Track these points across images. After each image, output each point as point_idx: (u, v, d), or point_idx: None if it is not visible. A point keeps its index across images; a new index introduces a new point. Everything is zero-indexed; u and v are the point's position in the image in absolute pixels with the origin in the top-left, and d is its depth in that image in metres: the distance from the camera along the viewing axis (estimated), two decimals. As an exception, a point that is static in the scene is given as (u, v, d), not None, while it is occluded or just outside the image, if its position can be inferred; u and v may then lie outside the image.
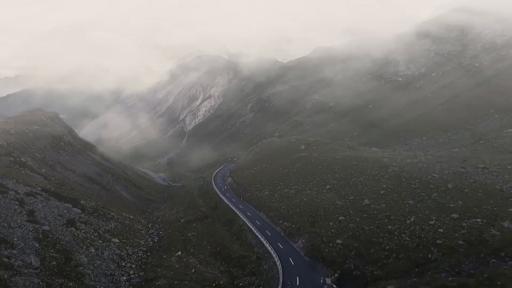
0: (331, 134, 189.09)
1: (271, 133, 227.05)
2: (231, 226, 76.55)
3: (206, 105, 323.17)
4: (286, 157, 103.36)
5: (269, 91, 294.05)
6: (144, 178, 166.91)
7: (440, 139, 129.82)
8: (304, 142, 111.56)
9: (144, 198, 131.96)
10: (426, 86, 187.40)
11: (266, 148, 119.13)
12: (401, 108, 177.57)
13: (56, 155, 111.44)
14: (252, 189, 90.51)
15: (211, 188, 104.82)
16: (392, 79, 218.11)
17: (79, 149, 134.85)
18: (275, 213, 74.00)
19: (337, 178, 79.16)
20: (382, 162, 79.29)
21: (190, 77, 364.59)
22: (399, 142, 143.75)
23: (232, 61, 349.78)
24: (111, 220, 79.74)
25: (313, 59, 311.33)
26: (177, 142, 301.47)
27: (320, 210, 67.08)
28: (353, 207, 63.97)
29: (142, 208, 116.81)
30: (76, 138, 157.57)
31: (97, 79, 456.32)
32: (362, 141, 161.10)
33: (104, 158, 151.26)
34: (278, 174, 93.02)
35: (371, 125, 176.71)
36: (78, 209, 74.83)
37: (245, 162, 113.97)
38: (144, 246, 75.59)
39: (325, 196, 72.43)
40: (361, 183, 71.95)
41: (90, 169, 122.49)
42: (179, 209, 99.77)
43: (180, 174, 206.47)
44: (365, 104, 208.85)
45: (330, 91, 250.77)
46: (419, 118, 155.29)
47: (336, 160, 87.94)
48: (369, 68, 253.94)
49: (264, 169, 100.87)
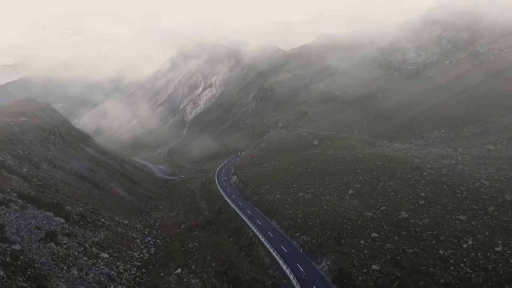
0: (338, 125, 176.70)
1: (274, 124, 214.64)
2: (238, 237, 64.73)
3: (207, 94, 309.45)
4: (298, 153, 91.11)
5: (271, 79, 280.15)
6: (143, 172, 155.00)
7: (460, 132, 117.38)
8: (316, 136, 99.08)
9: (142, 195, 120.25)
10: (439, 75, 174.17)
11: (274, 142, 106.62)
12: (413, 98, 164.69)
13: (44, 150, 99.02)
14: (261, 191, 78.51)
15: (214, 187, 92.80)
16: (401, 68, 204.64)
17: (71, 142, 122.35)
18: (290, 222, 62.11)
19: (361, 181, 67.11)
20: (413, 163, 67.14)
21: (190, 65, 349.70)
22: (414, 135, 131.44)
23: (233, 49, 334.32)
24: (101, 228, 67.88)
25: (316, 47, 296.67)
26: (178, 132, 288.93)
27: (346, 222, 55.17)
28: (387, 221, 52.01)
29: (139, 207, 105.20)
30: (71, 130, 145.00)
31: (97, 68, 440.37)
32: (373, 133, 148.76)
33: (100, 151, 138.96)
34: (290, 174, 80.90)
35: (381, 116, 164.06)
36: (61, 217, 62.81)
37: (251, 158, 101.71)
38: (138, 259, 63.90)
39: (349, 204, 60.46)
40: (392, 190, 59.86)
41: (83, 164, 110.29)
42: (179, 211, 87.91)
43: (180, 166, 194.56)
44: (373, 94, 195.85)
45: (335, 79, 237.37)
46: (434, 109, 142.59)
47: (357, 159, 75.72)
48: (375, 56, 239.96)
49: (274, 167, 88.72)
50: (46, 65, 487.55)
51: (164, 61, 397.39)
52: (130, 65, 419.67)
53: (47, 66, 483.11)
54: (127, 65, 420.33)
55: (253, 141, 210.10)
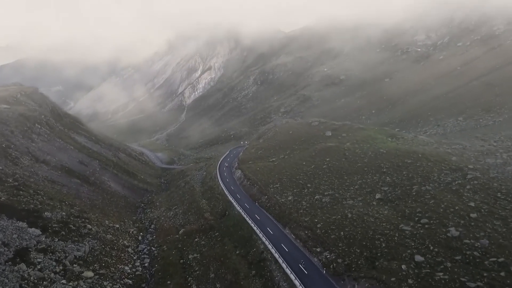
0: (344, 111, 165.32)
1: (276, 109, 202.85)
2: (247, 249, 54.29)
3: (206, 77, 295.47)
4: (309, 146, 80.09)
5: (272, 62, 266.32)
6: (139, 161, 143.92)
7: (482, 121, 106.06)
8: (329, 126, 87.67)
9: (138, 187, 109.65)
10: (451, 57, 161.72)
11: (282, 132, 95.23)
12: (424, 82, 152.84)
13: (26, 142, 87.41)
14: (270, 190, 67.78)
15: (216, 184, 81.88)
16: (410, 50, 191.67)
17: (59, 131, 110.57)
18: (307, 233, 51.60)
19: (389, 183, 56.34)
20: (451, 162, 56.31)
21: (188, 47, 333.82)
22: (429, 123, 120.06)
23: (233, 30, 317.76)
24: (86, 237, 57.24)
25: (319, 29, 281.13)
26: (176, 116, 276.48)
27: (378, 237, 44.73)
28: (432, 239, 41.53)
29: (134, 203, 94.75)
30: (61, 117, 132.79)
31: (92, 50, 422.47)
32: (382, 120, 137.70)
33: (93, 140, 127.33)
34: (303, 171, 70.02)
35: (390, 101, 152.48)
36: (37, 228, 52.08)
37: (257, 150, 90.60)
38: (130, 275, 53.56)
39: (379, 213, 49.88)
40: (432, 196, 49.17)
41: (72, 156, 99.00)
42: (178, 211, 77.40)
43: (179, 153, 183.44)
44: (380, 78, 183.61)
45: (339, 62, 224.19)
46: (449, 95, 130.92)
47: (381, 155, 64.81)
48: (381, 38, 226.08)
49: (283, 162, 77.73)
50: (40, 47, 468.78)
51: (161, 43, 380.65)
52: (126, 47, 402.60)
53: (42, 48, 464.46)
54: (123, 48, 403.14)
55: (254, 126, 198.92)
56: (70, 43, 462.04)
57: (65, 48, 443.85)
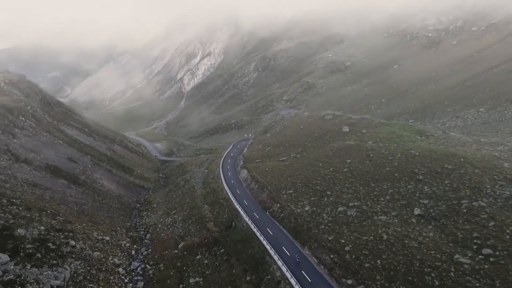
0: (351, 100, 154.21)
1: (279, 97, 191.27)
2: (259, 275, 44.37)
3: (205, 63, 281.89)
4: (325, 144, 69.53)
5: (274, 48, 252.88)
6: (136, 153, 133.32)
7: (507, 113, 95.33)
8: (345, 121, 76.65)
9: (134, 185, 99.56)
10: (466, 43, 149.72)
11: (291, 126, 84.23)
12: (437, 70, 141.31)
13: (6, 138, 76.52)
14: (283, 197, 57.60)
15: (220, 186, 71.37)
16: (420, 35, 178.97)
17: (47, 124, 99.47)
18: (333, 258, 41.67)
19: (429, 195, 46.11)
20: (504, 170, 45.95)
21: (187, 32, 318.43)
22: (446, 114, 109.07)
23: (233, 15, 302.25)
24: (68, 258, 47.18)
25: (322, 13, 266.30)
26: (175, 104, 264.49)
27: (428, 271, 34.80)
28: (504, 280, 31.54)
29: (130, 203, 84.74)
30: (52, 107, 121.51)
31: (89, 35, 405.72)
32: (394, 110, 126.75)
33: (85, 132, 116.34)
34: (320, 175, 59.66)
35: (401, 90, 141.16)
36: (5, 253, 41.95)
37: (264, 146, 79.94)
38: (119, 306, 43.93)
39: (422, 235, 39.84)
40: (490, 216, 38.95)
41: (60, 152, 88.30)
42: (177, 217, 67.37)
43: (178, 143, 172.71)
44: (389, 64, 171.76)
45: (344, 48, 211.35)
46: (466, 83, 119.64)
47: (413, 158, 54.36)
48: (387, 22, 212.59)
49: (295, 161, 67.26)
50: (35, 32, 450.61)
51: (159, 28, 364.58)
52: (124, 32, 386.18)
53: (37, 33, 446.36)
54: (121, 33, 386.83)
55: (256, 115, 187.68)
56: (66, 28, 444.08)
57: (61, 33, 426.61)
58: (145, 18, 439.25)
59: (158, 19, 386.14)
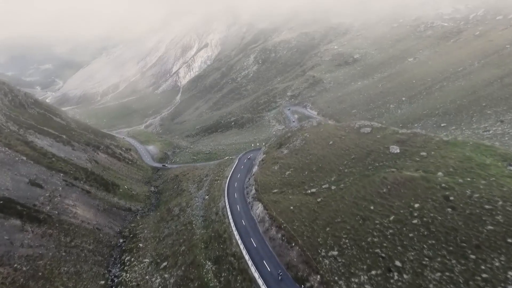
0: (363, 97, 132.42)
1: (282, 92, 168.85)
2: None
3: (202, 55, 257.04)
4: (370, 172, 48.04)
5: (274, 39, 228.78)
6: (125, 161, 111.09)
7: None
8: (390, 136, 54.56)
9: (118, 208, 77.92)
10: (492, 33, 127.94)
11: (315, 141, 61.71)
12: (463, 64, 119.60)
13: None
14: (323, 262, 36.66)
15: (227, 231, 49.07)
16: (435, 25, 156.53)
17: (8, 134, 76.77)
18: None
19: None
20: None
21: (183, 22, 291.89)
22: (487, 117, 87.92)
23: (231, 4, 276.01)
24: None
25: (323, 2, 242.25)
26: (170, 98, 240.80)
27: None
28: None
29: (109, 240, 63.49)
30: (25, 108, 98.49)
31: (83, 26, 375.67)
32: (419, 111, 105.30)
33: (63, 140, 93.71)
34: (376, 227, 38.50)
35: (423, 86, 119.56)
36: None
37: (281, 169, 58.22)
38: None
39: None
40: None
41: (20, 173, 66.05)
42: (168, 277, 46.16)
43: (173, 145, 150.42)
44: (402, 57, 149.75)
45: (350, 39, 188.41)
46: (505, 80, 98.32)
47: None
48: (395, 11, 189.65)
49: (331, 197, 45.82)
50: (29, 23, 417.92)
51: (154, 19, 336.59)
52: (118, 23, 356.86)
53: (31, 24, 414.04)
54: (114, 23, 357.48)
55: (258, 112, 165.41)
56: (61, 19, 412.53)
57: (56, 24, 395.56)
58: (141, 8, 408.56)
59: (154, 9, 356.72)
